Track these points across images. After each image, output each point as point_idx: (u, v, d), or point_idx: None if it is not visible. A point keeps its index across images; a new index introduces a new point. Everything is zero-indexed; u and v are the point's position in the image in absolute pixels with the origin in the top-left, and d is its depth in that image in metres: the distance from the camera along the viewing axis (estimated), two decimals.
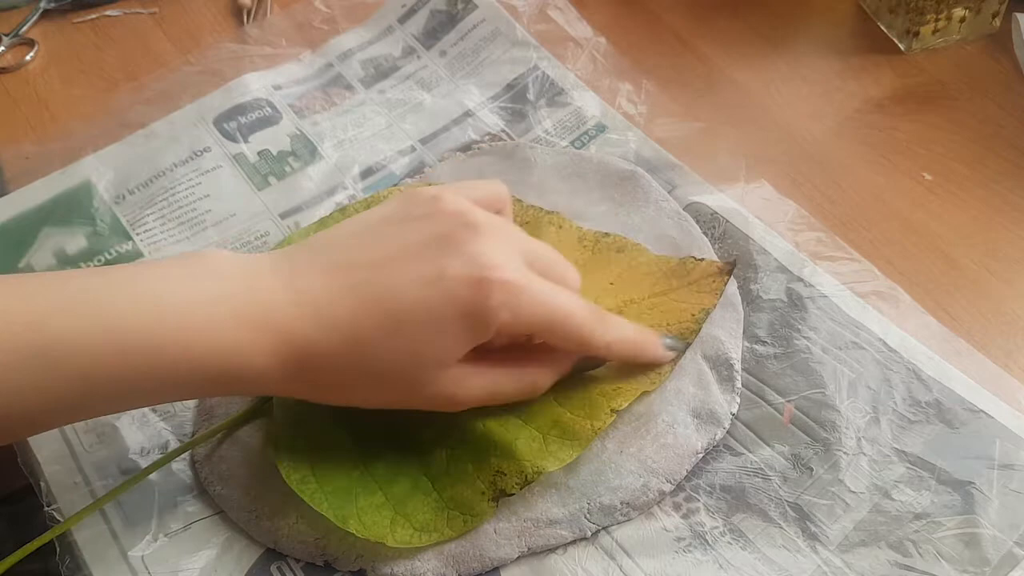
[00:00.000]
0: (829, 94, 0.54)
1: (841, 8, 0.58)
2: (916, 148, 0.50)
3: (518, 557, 0.38)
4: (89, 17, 0.62)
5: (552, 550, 0.38)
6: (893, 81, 0.54)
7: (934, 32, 0.54)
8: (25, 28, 0.61)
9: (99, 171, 0.52)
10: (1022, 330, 0.43)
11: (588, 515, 0.38)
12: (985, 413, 0.38)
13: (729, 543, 0.37)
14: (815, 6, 0.58)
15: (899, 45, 0.55)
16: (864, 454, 0.38)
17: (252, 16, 0.60)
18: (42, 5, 0.62)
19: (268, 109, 0.54)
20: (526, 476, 0.37)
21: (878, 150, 0.51)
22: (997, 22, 0.55)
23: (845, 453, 0.38)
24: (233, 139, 0.53)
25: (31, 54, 0.60)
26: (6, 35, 0.61)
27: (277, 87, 0.55)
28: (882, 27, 0.56)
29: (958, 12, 0.53)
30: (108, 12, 0.62)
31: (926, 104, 0.52)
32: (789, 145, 0.51)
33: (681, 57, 0.56)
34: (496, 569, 0.38)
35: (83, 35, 0.61)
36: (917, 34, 0.54)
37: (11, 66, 0.60)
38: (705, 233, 0.47)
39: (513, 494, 0.37)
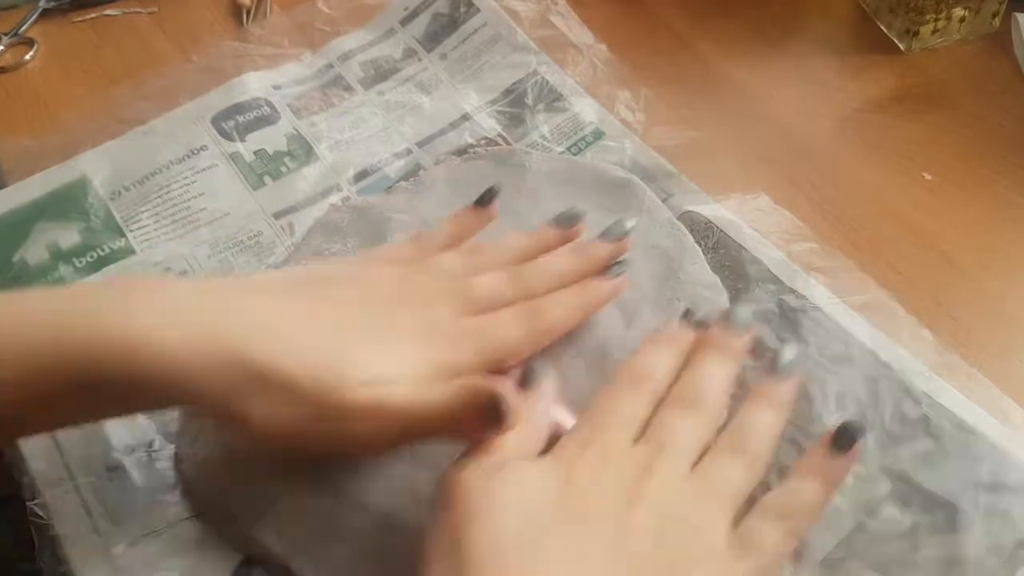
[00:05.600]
0: (828, 94, 0.54)
1: (840, 8, 0.58)
2: (916, 148, 0.50)
3: None
4: (88, 16, 0.62)
5: None
6: (893, 81, 0.53)
7: (934, 32, 0.54)
8: (24, 27, 0.61)
9: (96, 167, 0.52)
10: (1022, 330, 0.43)
11: None
12: (975, 430, 0.38)
13: None
14: (814, 6, 0.58)
15: (899, 45, 0.55)
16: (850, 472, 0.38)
17: (251, 16, 0.60)
18: (41, 4, 0.62)
19: (266, 108, 0.54)
20: None
21: (878, 150, 0.50)
22: (997, 22, 0.55)
23: None
24: (230, 138, 0.53)
25: (30, 53, 0.60)
26: (5, 34, 0.61)
27: (277, 87, 0.56)
28: (882, 27, 0.56)
29: (958, 12, 0.53)
30: (107, 11, 0.62)
31: (926, 104, 0.52)
32: (788, 145, 0.51)
33: (680, 57, 0.56)
34: None
35: (82, 34, 0.61)
36: (917, 34, 0.54)
37: (10, 65, 0.60)
38: (698, 243, 0.46)
39: None
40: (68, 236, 0.49)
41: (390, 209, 0.49)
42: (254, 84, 0.55)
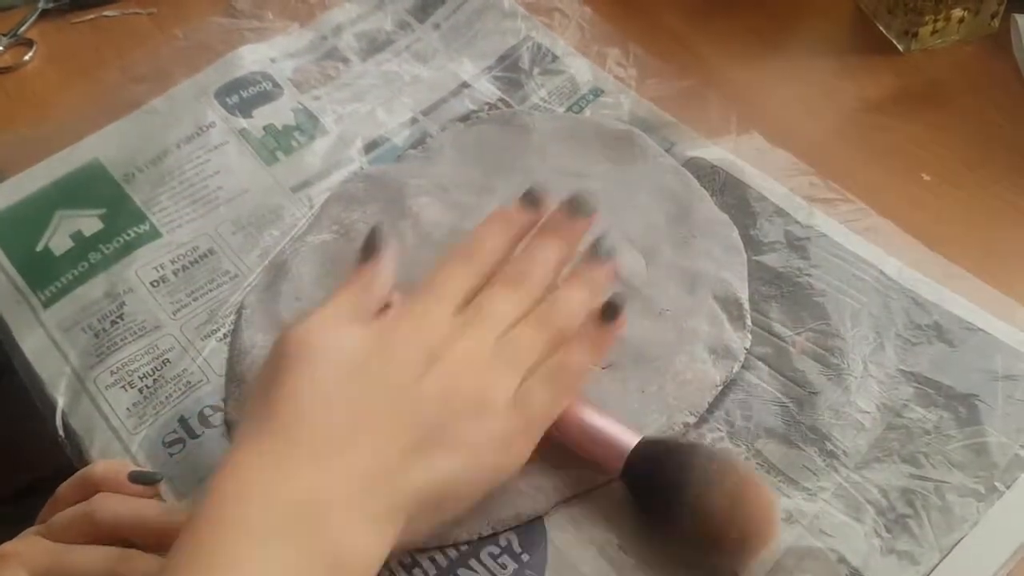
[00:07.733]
0: (827, 94, 0.54)
1: (839, 8, 0.58)
2: (915, 148, 0.50)
3: (554, 506, 0.39)
4: (87, 17, 0.62)
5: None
6: (892, 81, 0.54)
7: (933, 33, 0.54)
8: (24, 28, 0.61)
9: (104, 150, 0.52)
10: None
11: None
12: (983, 331, 0.41)
13: (754, 468, 0.39)
14: (813, 6, 0.58)
15: (898, 46, 0.55)
16: (872, 377, 0.41)
17: None
18: (40, 5, 0.62)
19: (267, 84, 0.55)
20: None
21: (877, 150, 0.51)
22: (996, 23, 0.55)
23: (855, 377, 0.41)
24: (235, 114, 0.53)
25: (29, 54, 0.60)
26: (4, 35, 0.61)
27: (273, 60, 0.56)
28: (880, 27, 0.56)
29: (957, 13, 0.53)
30: (106, 12, 0.62)
31: (925, 104, 0.52)
32: (787, 145, 0.50)
33: (679, 58, 0.55)
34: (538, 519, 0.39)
35: (81, 35, 0.61)
36: (916, 35, 0.54)
37: (9, 66, 0.60)
38: (705, 186, 0.48)
39: None
40: (89, 223, 0.49)
41: (405, 175, 0.50)
42: (250, 57, 0.56)
